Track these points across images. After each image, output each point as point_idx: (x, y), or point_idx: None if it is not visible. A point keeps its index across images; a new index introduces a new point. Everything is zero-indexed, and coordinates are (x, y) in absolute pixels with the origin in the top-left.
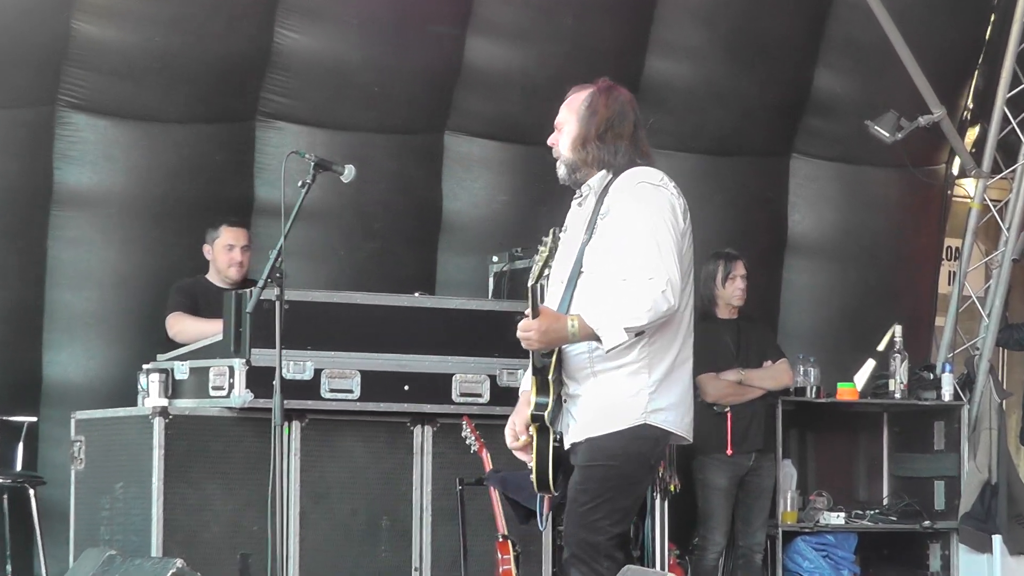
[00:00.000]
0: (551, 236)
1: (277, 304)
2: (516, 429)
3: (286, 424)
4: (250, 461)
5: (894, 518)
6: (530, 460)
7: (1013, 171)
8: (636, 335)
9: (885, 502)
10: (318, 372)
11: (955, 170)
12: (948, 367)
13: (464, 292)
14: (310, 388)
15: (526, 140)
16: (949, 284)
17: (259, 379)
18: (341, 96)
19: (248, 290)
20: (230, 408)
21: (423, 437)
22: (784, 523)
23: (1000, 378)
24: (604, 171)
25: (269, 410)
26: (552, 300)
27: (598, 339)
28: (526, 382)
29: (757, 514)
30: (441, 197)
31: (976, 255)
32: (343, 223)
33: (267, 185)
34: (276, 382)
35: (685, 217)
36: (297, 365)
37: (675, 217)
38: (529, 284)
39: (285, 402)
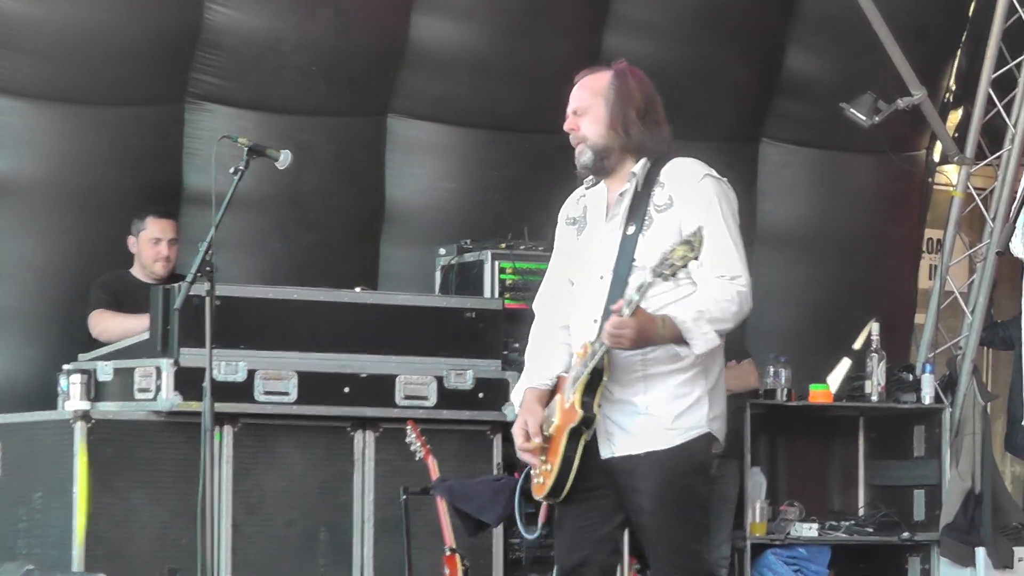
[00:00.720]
0: (697, 234)
1: (207, 300)
2: (530, 429)
3: (217, 429)
4: (179, 469)
5: (870, 530)
6: (540, 464)
7: (999, 157)
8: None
9: (861, 512)
10: (251, 373)
11: (936, 156)
12: (929, 368)
13: (409, 287)
14: (243, 390)
15: (475, 123)
16: (930, 278)
17: (188, 380)
18: (277, 77)
19: (176, 285)
20: (157, 412)
21: (364, 443)
22: (752, 535)
23: (984, 380)
24: (644, 159)
25: (199, 414)
26: (591, 296)
27: (683, 342)
28: (532, 379)
29: (721, 525)
30: (384, 185)
31: (959, 247)
32: (278, 213)
33: (197, 172)
34: (206, 384)
35: None
36: (229, 365)
37: (737, 214)
38: (650, 278)
39: (216, 405)
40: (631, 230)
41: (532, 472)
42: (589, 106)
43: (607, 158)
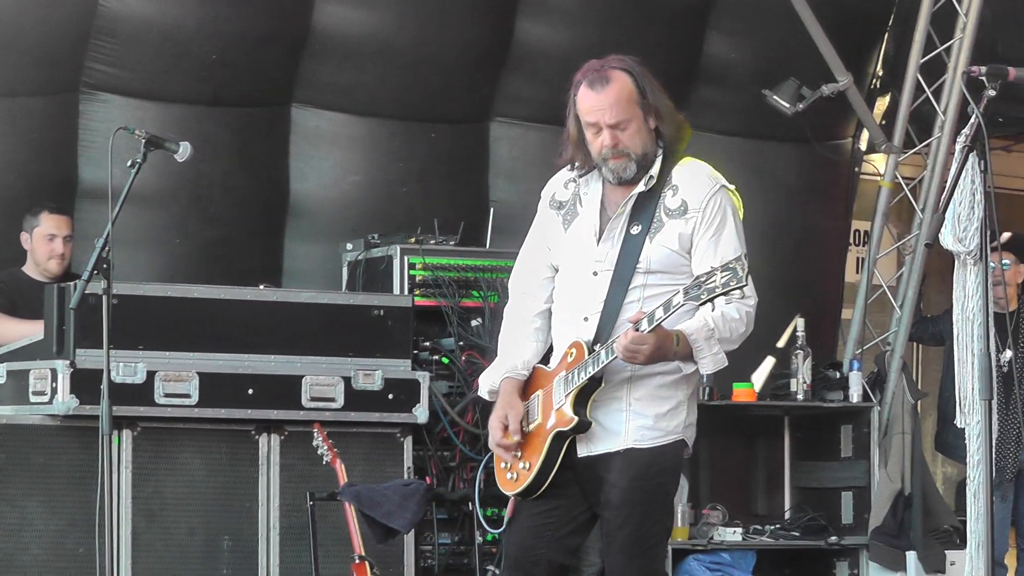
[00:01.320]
0: (741, 260)
1: (104, 299)
2: (511, 426)
3: (115, 433)
4: (75, 475)
5: (797, 533)
6: (514, 460)
7: (928, 145)
8: None
9: (787, 516)
10: (151, 375)
11: (863, 145)
12: (856, 365)
13: (314, 284)
14: (142, 393)
15: (383, 113)
16: (857, 272)
17: (85, 383)
18: (175, 65)
19: (72, 283)
20: (53, 416)
21: (269, 447)
22: (674, 540)
23: (914, 377)
24: (660, 157)
25: (96, 418)
26: (583, 292)
27: (690, 359)
28: (510, 365)
29: None
30: (288, 178)
31: (887, 239)
32: (178, 207)
33: (92, 165)
34: (104, 386)
35: None
36: (127, 367)
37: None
38: (682, 299)
39: (114, 408)
40: (636, 230)
41: (501, 466)
42: (630, 118)
43: (646, 164)
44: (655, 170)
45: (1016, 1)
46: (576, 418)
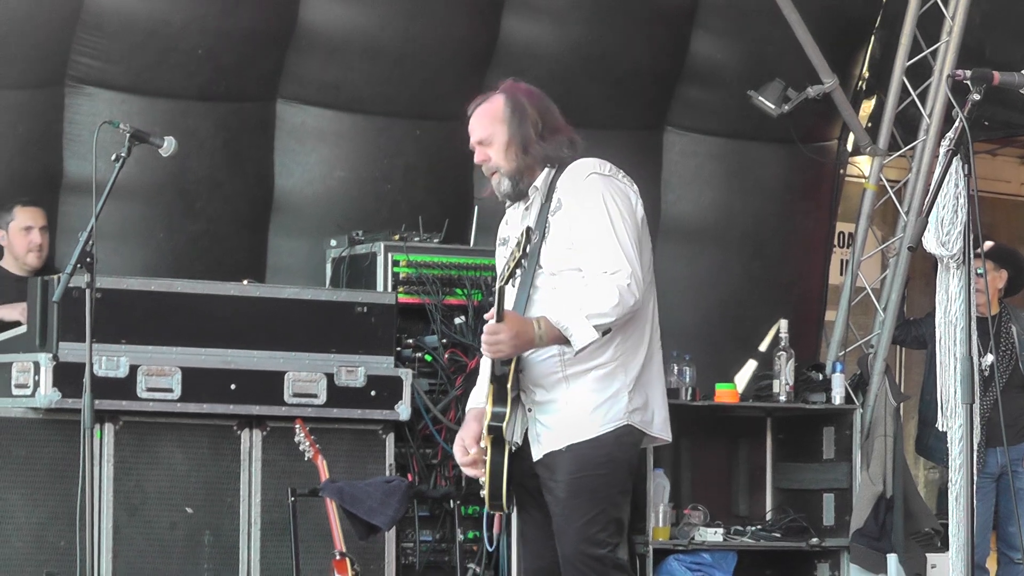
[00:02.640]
0: (524, 235)
1: (88, 292)
2: (466, 444)
3: (97, 427)
4: (57, 468)
5: (778, 535)
6: (481, 476)
7: (913, 148)
8: (603, 333)
9: (768, 517)
10: (134, 369)
11: (848, 147)
12: (839, 367)
13: (298, 280)
14: (125, 386)
15: (367, 109)
16: (841, 274)
17: (68, 376)
18: (161, 60)
19: (55, 276)
20: (35, 408)
21: (251, 442)
22: (655, 540)
23: (897, 379)
24: (548, 168)
25: (78, 411)
26: (508, 304)
27: (565, 341)
28: (474, 399)
29: None
30: (272, 173)
31: (871, 242)
32: (163, 202)
33: (77, 158)
34: (86, 380)
35: (639, 204)
36: (110, 361)
37: (631, 206)
38: (498, 285)
39: (97, 402)
40: (536, 238)
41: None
42: (492, 134)
43: (522, 180)
44: (539, 181)
45: (1004, 4)
46: (488, 420)
